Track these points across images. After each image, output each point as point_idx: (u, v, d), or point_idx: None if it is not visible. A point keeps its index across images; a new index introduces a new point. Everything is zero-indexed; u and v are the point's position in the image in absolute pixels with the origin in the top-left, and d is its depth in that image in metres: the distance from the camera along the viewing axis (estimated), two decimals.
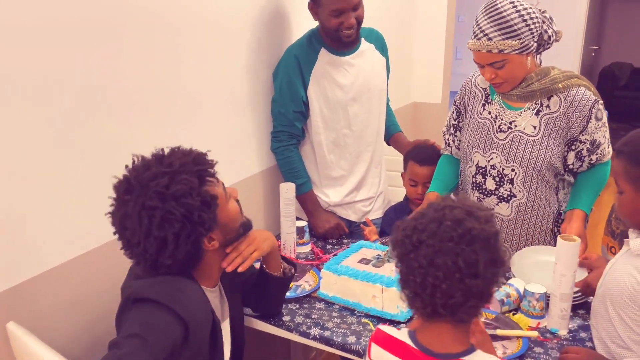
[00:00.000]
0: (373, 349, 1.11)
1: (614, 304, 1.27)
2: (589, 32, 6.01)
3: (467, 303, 0.98)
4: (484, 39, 1.59)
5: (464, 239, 0.97)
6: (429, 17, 3.52)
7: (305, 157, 2.13)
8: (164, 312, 1.08)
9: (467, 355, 1.01)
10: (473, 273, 0.96)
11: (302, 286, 1.71)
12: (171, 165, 1.14)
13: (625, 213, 1.30)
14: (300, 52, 2.01)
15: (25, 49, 1.21)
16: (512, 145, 1.72)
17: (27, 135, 1.24)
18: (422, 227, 1.00)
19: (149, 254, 1.12)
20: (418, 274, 0.99)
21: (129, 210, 1.10)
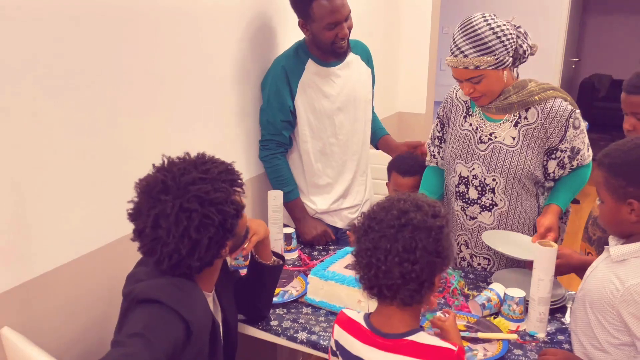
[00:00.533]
0: (336, 329, 1.24)
1: (594, 308, 1.32)
2: (569, 45, 6.14)
3: (406, 286, 1.09)
4: (461, 56, 1.65)
5: (405, 227, 1.09)
6: (413, 29, 3.59)
7: (293, 165, 2.18)
8: (167, 313, 1.10)
9: (411, 335, 1.12)
10: (410, 258, 1.08)
11: (289, 291, 1.74)
12: (208, 172, 1.19)
13: (605, 221, 1.36)
14: (287, 63, 2.06)
15: (27, 52, 1.24)
16: (493, 155, 1.78)
17: (24, 142, 1.27)
18: (373, 214, 1.13)
19: (179, 254, 1.14)
20: (365, 256, 1.11)
21: (167, 209, 1.12)
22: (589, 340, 1.36)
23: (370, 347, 1.15)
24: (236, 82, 2.01)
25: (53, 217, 1.37)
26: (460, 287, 1.75)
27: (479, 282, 1.81)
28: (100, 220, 1.50)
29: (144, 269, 1.27)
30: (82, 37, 1.38)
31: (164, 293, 1.13)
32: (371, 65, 2.25)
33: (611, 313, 1.27)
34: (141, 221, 1.16)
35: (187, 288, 1.18)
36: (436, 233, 1.10)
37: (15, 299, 1.28)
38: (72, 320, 1.43)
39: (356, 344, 1.18)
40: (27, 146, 1.29)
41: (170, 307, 1.11)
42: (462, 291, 1.74)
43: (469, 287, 1.77)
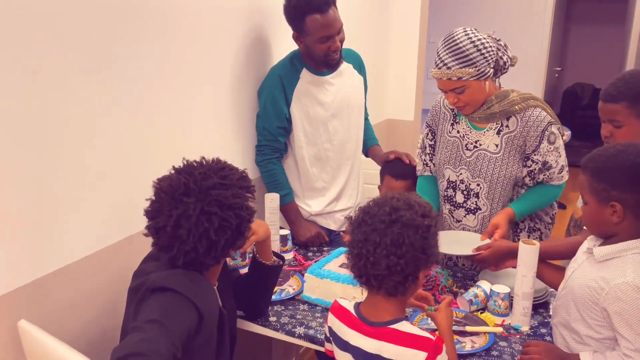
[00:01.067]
0: (330, 317, 1.37)
1: (577, 304, 1.40)
2: (552, 55, 6.30)
3: (391, 277, 1.19)
4: (444, 68, 1.74)
5: (395, 224, 1.19)
6: (402, 39, 3.71)
7: (288, 169, 2.26)
8: (181, 301, 1.18)
9: (394, 324, 1.23)
10: (397, 252, 1.18)
11: (286, 290, 1.82)
12: (227, 178, 1.27)
13: (588, 222, 1.43)
14: (283, 72, 2.15)
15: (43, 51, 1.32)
16: (477, 162, 1.88)
17: (42, 142, 1.35)
18: (367, 209, 1.24)
19: (196, 252, 1.22)
20: (356, 246, 1.22)
21: (189, 211, 1.20)
22: (570, 334, 1.44)
23: (357, 333, 1.27)
24: (234, 90, 2.09)
25: (65, 217, 1.44)
26: (449, 285, 1.84)
27: (466, 280, 1.91)
28: (108, 220, 1.58)
29: (152, 264, 1.34)
30: (91, 48, 1.46)
31: (176, 282, 1.20)
32: (363, 72, 2.34)
33: (595, 310, 1.35)
34: (161, 219, 1.23)
35: (196, 278, 1.26)
36: (423, 231, 1.21)
37: (30, 294, 1.35)
38: (83, 312, 1.51)
39: (346, 330, 1.29)
40: (44, 147, 1.36)
41: (183, 295, 1.18)
42: (450, 289, 1.83)
43: (457, 285, 1.86)
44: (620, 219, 1.33)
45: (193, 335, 1.19)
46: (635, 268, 1.30)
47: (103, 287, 1.57)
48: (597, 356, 1.35)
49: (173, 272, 1.25)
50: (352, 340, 1.27)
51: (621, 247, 1.34)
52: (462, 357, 1.46)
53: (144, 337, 1.07)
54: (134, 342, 1.06)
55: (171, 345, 1.09)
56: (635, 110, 1.60)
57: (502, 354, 1.48)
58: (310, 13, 1.99)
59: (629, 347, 1.29)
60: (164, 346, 1.07)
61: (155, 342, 1.07)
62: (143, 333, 1.08)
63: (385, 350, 1.22)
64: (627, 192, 1.31)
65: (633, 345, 1.28)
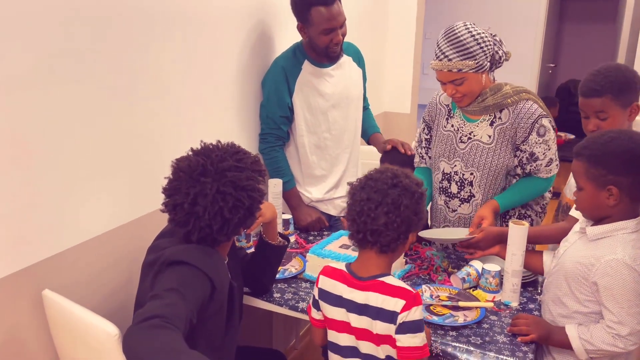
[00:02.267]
0: (320, 279, 1.47)
1: (569, 280, 1.49)
2: (546, 51, 6.40)
3: (387, 233, 1.34)
4: (445, 60, 1.82)
5: (395, 187, 1.35)
6: (398, 34, 3.80)
7: (290, 157, 2.35)
8: (196, 273, 1.27)
9: (381, 277, 1.37)
10: (395, 211, 1.33)
11: (289, 269, 1.92)
12: (242, 161, 1.37)
13: (584, 207, 1.50)
14: (286, 63, 2.23)
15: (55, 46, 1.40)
16: (471, 152, 1.96)
17: (67, 128, 1.43)
18: (370, 175, 1.38)
19: (210, 229, 1.32)
20: (358, 205, 1.35)
21: (206, 190, 1.30)
22: (557, 310, 1.54)
23: (349, 287, 1.40)
24: (238, 80, 2.18)
25: (85, 197, 1.54)
26: (444, 266, 1.94)
27: (460, 261, 2.01)
28: (124, 200, 1.67)
29: (167, 240, 1.43)
30: (103, 39, 1.54)
31: (191, 256, 1.29)
32: (362, 65, 2.43)
33: (585, 285, 1.45)
34: (179, 197, 1.32)
35: (209, 252, 1.35)
36: (417, 197, 1.37)
37: (53, 266, 1.45)
38: (101, 284, 1.61)
39: (338, 286, 1.42)
40: (71, 128, 1.45)
41: (197, 267, 1.27)
42: (445, 269, 1.93)
43: (451, 266, 1.96)
44: (616, 201, 1.42)
45: (206, 304, 1.29)
46: (625, 246, 1.40)
47: (120, 261, 1.67)
48: (581, 328, 1.45)
49: (187, 247, 1.33)
50: (344, 294, 1.40)
51: (613, 227, 1.44)
52: (455, 329, 1.56)
53: (164, 302, 1.15)
54: (156, 306, 1.14)
55: (188, 311, 1.18)
56: (620, 101, 1.68)
57: (493, 327, 1.58)
58: (316, 5, 2.07)
59: (613, 320, 1.40)
60: (182, 311, 1.16)
61: (175, 306, 1.15)
62: (163, 300, 1.17)
63: (372, 299, 1.35)
64: (623, 176, 1.40)
65: (616, 317, 1.39)
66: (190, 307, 1.19)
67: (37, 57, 1.35)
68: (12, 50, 1.28)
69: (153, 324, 1.08)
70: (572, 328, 1.47)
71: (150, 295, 1.20)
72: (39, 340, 1.44)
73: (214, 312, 1.33)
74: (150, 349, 1.03)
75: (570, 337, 1.46)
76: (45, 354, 1.47)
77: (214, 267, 1.32)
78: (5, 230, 1.33)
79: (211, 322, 1.35)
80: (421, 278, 1.88)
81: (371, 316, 1.35)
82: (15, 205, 1.34)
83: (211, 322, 1.35)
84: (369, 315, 1.35)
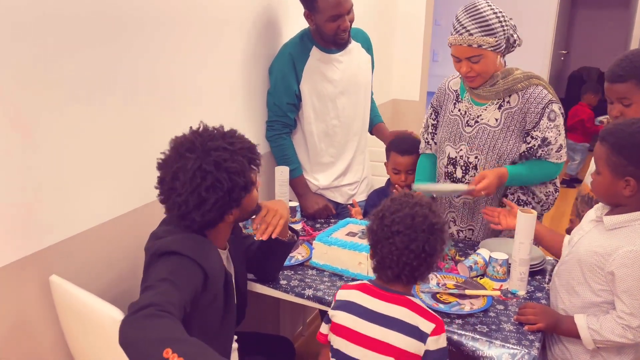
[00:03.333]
0: (341, 293, 1.43)
1: (583, 268, 1.47)
2: (558, 38, 6.31)
3: (425, 273, 1.35)
4: (466, 34, 1.79)
5: (429, 230, 1.30)
6: (408, 21, 3.76)
7: (297, 144, 2.34)
8: (187, 262, 1.27)
9: (409, 295, 1.36)
10: (433, 254, 1.32)
11: (295, 257, 1.92)
12: (232, 144, 1.35)
13: (599, 191, 1.49)
14: (293, 50, 2.22)
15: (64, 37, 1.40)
16: (477, 135, 1.95)
17: (72, 119, 1.43)
18: (399, 219, 1.31)
19: (186, 206, 1.31)
20: (395, 254, 1.30)
21: (187, 165, 1.29)
22: (569, 298, 1.52)
23: (372, 297, 1.36)
24: (245, 67, 2.17)
25: (92, 183, 1.54)
26: (451, 255, 1.93)
27: (467, 249, 2.00)
28: (130, 187, 1.67)
29: (164, 227, 1.43)
30: (107, 25, 1.54)
31: (181, 245, 1.29)
32: (371, 52, 2.41)
33: (599, 274, 1.43)
34: (165, 171, 1.33)
35: (199, 241, 1.35)
36: (446, 228, 1.36)
37: (60, 251, 1.46)
38: (108, 269, 1.62)
39: (358, 295, 1.38)
40: (77, 115, 1.45)
41: (187, 256, 1.27)
42: (453, 257, 1.92)
43: (459, 254, 1.95)
44: (632, 193, 1.40)
45: (200, 293, 1.29)
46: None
47: (126, 247, 1.68)
48: (590, 318, 1.44)
49: (178, 237, 1.33)
50: (364, 303, 1.36)
51: (631, 217, 1.42)
52: (461, 317, 1.55)
53: (157, 291, 1.16)
54: (150, 295, 1.14)
55: (181, 299, 1.18)
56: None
57: (499, 315, 1.57)
58: None
59: (625, 311, 1.38)
60: (176, 298, 1.16)
61: (168, 294, 1.16)
62: (156, 289, 1.17)
63: (399, 312, 1.33)
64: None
65: (628, 309, 1.38)
66: (184, 296, 1.19)
67: (43, 43, 1.34)
68: (18, 37, 1.28)
69: (147, 313, 1.08)
70: (581, 317, 1.46)
71: (143, 287, 1.20)
72: (47, 324, 1.46)
73: (209, 301, 1.33)
74: (147, 339, 1.03)
75: (578, 327, 1.45)
76: (53, 337, 1.48)
77: (205, 255, 1.32)
78: (14, 216, 1.33)
79: (206, 311, 1.35)
80: None
81: (395, 329, 1.32)
82: (24, 192, 1.35)
83: (206, 311, 1.35)
84: (392, 328, 1.33)
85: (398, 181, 2.25)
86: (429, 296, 1.65)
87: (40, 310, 1.43)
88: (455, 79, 2.07)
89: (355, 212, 2.24)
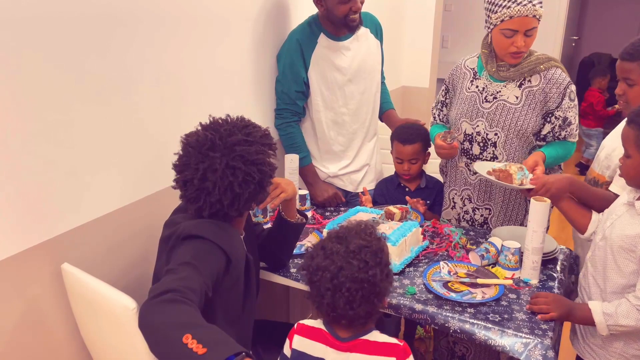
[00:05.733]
0: (295, 340, 1.34)
1: (615, 253, 1.45)
2: (569, 23, 6.21)
3: (360, 321, 1.26)
4: (530, 5, 1.77)
5: (338, 288, 1.21)
6: (418, 7, 3.71)
7: (306, 133, 2.32)
8: (210, 246, 1.27)
9: (365, 335, 1.28)
10: (353, 307, 1.22)
11: (305, 245, 1.91)
12: (251, 135, 1.34)
13: (630, 174, 1.46)
14: (302, 36, 2.19)
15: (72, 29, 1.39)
16: (496, 112, 1.93)
17: (86, 96, 1.43)
18: (312, 269, 1.26)
19: (221, 204, 1.30)
20: (317, 302, 1.25)
21: (215, 165, 1.28)
22: (604, 284, 1.48)
23: (330, 348, 1.30)
24: (253, 54, 2.15)
25: (103, 172, 1.54)
26: (462, 243, 1.91)
27: (478, 237, 1.98)
28: (140, 176, 1.67)
29: (181, 215, 1.43)
30: (119, 8, 1.52)
31: (205, 230, 1.29)
32: (380, 37, 2.38)
33: (631, 257, 1.41)
34: (189, 173, 1.30)
35: (224, 227, 1.35)
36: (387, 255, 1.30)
37: (72, 240, 1.46)
38: (119, 257, 1.63)
39: (318, 347, 1.31)
40: (84, 104, 1.44)
41: (211, 240, 1.27)
42: (464, 246, 1.90)
43: (470, 242, 1.93)
44: None
45: (222, 277, 1.29)
46: None
47: (136, 235, 1.68)
48: (606, 304, 1.43)
49: (201, 221, 1.33)
50: (325, 356, 1.31)
51: None
52: (473, 306, 1.54)
53: (178, 276, 1.16)
54: (170, 280, 1.14)
55: (203, 284, 1.18)
56: None
57: (512, 304, 1.56)
58: None
59: None
60: (197, 284, 1.16)
61: (189, 279, 1.15)
62: (177, 274, 1.17)
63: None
64: None
65: None
66: (205, 280, 1.19)
67: (50, 29, 1.33)
68: (25, 26, 1.27)
69: (168, 298, 1.08)
70: (596, 304, 1.45)
71: (165, 270, 1.20)
72: (59, 312, 1.47)
73: (230, 285, 1.34)
74: (166, 324, 1.03)
75: (593, 312, 1.43)
76: (65, 325, 1.49)
77: (228, 240, 1.32)
78: (26, 204, 1.33)
79: (228, 295, 1.35)
80: (439, 255, 1.86)
81: None
82: (35, 181, 1.35)
83: (228, 295, 1.35)
84: None
85: (401, 170, 2.24)
86: (440, 285, 1.64)
87: (52, 298, 1.44)
88: (472, 58, 2.06)
89: (366, 199, 2.23)
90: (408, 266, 1.77)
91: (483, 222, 2.07)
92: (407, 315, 1.56)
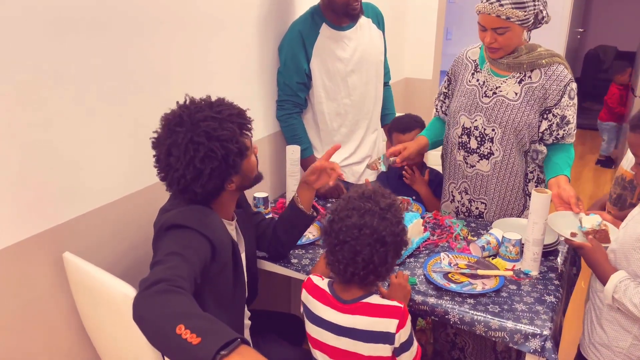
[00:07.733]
0: (303, 293, 1.44)
1: (627, 254, 1.44)
2: (574, 15, 6.17)
3: (376, 280, 1.34)
4: (496, 4, 1.74)
5: (378, 243, 1.28)
6: None
7: (308, 124, 2.32)
8: (194, 234, 1.27)
9: (365, 298, 1.34)
10: (383, 264, 1.30)
11: (306, 236, 1.92)
12: (220, 112, 1.34)
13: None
14: (303, 27, 2.18)
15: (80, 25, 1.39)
16: (495, 108, 1.92)
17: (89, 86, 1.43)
18: (345, 228, 1.29)
19: (185, 180, 1.31)
20: (342, 263, 1.30)
21: (178, 140, 1.29)
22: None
23: (332, 309, 1.36)
24: (255, 45, 2.14)
25: (103, 163, 1.55)
26: (463, 235, 1.91)
27: (479, 229, 1.98)
28: (140, 166, 1.67)
29: (170, 202, 1.44)
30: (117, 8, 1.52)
31: (186, 219, 1.30)
32: (382, 27, 2.37)
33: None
34: (159, 149, 1.33)
35: (206, 212, 1.35)
36: (401, 237, 1.34)
37: (73, 229, 1.47)
38: (119, 245, 1.64)
39: (320, 307, 1.38)
40: (88, 98, 1.45)
41: (194, 229, 1.28)
42: (465, 237, 1.90)
43: (471, 234, 1.93)
44: None
45: (209, 263, 1.30)
46: None
47: (138, 224, 1.69)
48: (626, 281, 1.40)
49: (183, 210, 1.34)
50: (326, 316, 1.36)
51: None
52: (473, 297, 1.55)
53: (167, 266, 1.16)
54: (159, 270, 1.15)
55: (191, 271, 1.19)
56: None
57: (512, 295, 1.56)
58: None
59: None
60: (185, 272, 1.16)
61: (178, 268, 1.16)
62: (165, 264, 1.17)
63: (360, 322, 1.33)
64: None
65: None
66: (193, 268, 1.20)
67: (59, 18, 1.33)
68: (30, 23, 1.27)
69: (159, 289, 1.08)
70: (621, 273, 1.43)
71: (152, 262, 1.21)
72: (60, 300, 1.48)
73: (218, 271, 1.34)
74: (160, 315, 1.03)
75: (611, 277, 1.43)
76: (66, 313, 1.50)
77: (210, 227, 1.32)
78: (27, 194, 1.34)
79: (217, 281, 1.36)
80: (440, 246, 1.86)
81: (360, 339, 1.33)
82: (37, 170, 1.35)
83: (217, 281, 1.37)
84: (357, 338, 1.33)
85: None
86: (441, 276, 1.64)
87: (53, 287, 1.45)
88: (474, 49, 2.04)
89: None
90: (409, 257, 1.78)
91: (478, 215, 2.07)
92: (408, 305, 1.56)
